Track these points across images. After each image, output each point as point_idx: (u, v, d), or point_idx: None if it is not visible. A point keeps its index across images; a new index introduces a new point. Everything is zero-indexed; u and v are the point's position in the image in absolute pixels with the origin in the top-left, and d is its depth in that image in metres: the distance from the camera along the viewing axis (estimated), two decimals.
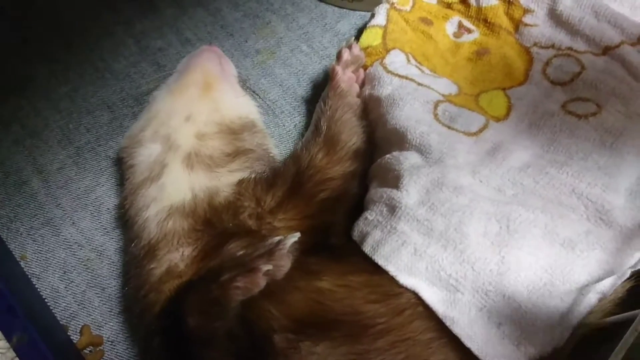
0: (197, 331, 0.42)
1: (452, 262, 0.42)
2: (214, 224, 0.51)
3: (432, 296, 0.42)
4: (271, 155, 0.60)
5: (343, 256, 0.48)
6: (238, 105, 0.61)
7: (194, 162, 0.54)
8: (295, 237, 0.43)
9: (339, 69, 0.58)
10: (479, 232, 0.43)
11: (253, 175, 0.54)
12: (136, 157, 0.57)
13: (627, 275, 0.41)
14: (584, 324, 0.40)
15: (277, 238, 0.43)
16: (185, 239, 0.50)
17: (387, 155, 0.52)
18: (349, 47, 0.60)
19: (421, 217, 0.45)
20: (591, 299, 0.40)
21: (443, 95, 0.56)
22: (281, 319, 0.44)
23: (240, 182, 0.53)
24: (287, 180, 0.52)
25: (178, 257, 0.50)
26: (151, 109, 0.60)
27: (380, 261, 0.44)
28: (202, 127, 0.57)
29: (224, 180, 0.54)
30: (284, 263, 0.42)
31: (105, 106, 0.71)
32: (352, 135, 0.55)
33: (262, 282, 0.41)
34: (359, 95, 0.59)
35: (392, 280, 0.44)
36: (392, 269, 0.44)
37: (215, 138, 0.56)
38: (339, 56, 0.60)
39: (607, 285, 0.41)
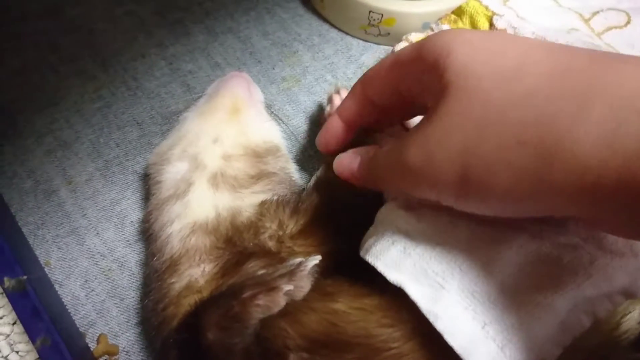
0: (215, 346, 0.43)
1: (439, 261, 0.42)
2: (235, 243, 0.53)
3: (417, 292, 0.42)
4: (293, 179, 0.62)
5: (357, 278, 0.49)
6: (264, 129, 0.63)
7: (219, 182, 0.56)
8: (316, 259, 0.45)
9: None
10: (469, 233, 0.42)
11: (275, 198, 0.56)
12: (163, 173, 0.59)
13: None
14: (582, 348, 0.40)
15: (299, 260, 0.45)
16: (207, 256, 0.52)
17: None
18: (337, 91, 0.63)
19: (413, 219, 0.45)
20: (582, 319, 0.39)
21: None
22: (296, 338, 0.45)
23: (262, 204, 0.55)
24: (310, 210, 0.54)
25: (199, 272, 0.51)
26: (181, 129, 0.62)
27: (371, 260, 0.45)
28: (228, 149, 0.59)
29: (247, 201, 0.56)
30: (305, 284, 0.43)
31: (135, 123, 0.74)
32: None
33: (282, 301, 0.42)
34: None
35: (402, 305, 0.44)
36: (380, 265, 0.44)
37: (241, 160, 0.59)
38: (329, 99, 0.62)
39: (597, 306, 0.39)
